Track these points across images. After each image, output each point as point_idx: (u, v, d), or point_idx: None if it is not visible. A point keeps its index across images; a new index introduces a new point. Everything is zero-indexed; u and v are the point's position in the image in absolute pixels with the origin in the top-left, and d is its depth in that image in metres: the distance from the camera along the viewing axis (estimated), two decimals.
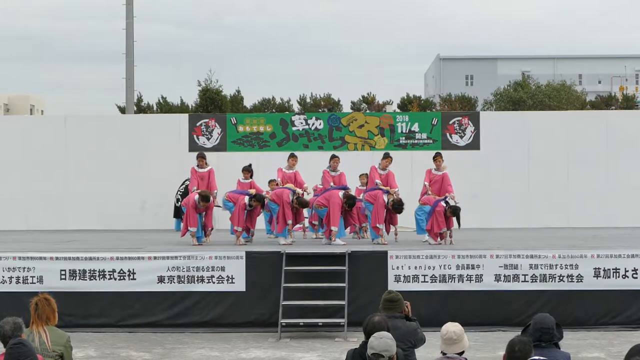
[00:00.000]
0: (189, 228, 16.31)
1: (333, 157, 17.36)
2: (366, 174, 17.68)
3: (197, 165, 16.89)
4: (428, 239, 16.40)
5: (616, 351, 12.68)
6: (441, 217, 16.02)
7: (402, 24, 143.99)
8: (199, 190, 16.41)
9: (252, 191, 16.71)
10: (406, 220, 17.75)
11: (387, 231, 16.41)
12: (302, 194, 16.57)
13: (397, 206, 16.09)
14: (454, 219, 16.15)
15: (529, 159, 21.47)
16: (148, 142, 21.58)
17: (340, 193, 16.40)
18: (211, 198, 16.39)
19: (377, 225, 16.10)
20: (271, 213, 17.24)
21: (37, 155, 21.67)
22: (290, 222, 16.29)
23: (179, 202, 20.60)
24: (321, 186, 17.40)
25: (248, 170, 17.27)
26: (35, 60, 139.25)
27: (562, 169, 21.39)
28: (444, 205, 16.09)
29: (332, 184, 16.89)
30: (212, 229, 16.70)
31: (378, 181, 16.42)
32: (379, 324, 6.80)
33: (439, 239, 16.17)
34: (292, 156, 17.21)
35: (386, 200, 16.11)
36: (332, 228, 16.19)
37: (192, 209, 16.25)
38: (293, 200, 16.31)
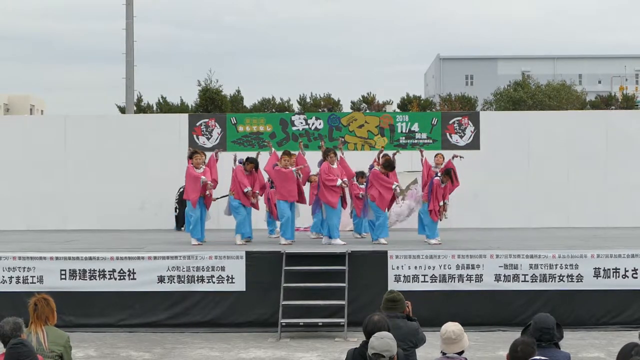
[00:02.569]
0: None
1: (328, 151, 17.30)
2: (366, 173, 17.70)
3: (194, 166, 16.56)
4: (428, 239, 16.42)
5: (616, 351, 12.63)
6: (439, 188, 16.15)
7: (402, 24, 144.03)
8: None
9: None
10: (409, 220, 17.77)
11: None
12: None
13: (387, 164, 16.34)
14: (450, 187, 16.40)
15: (529, 159, 21.47)
16: (148, 142, 21.56)
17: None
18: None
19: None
20: (269, 211, 17.28)
21: (37, 155, 21.66)
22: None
23: (177, 211, 20.59)
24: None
25: (252, 162, 17.08)
26: (35, 60, 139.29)
27: (562, 169, 21.39)
28: (438, 177, 16.29)
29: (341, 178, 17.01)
30: (215, 182, 16.58)
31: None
32: (379, 323, 6.80)
33: (441, 216, 16.28)
34: (287, 154, 16.96)
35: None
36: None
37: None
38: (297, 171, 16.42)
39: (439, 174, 16.58)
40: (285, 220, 16.23)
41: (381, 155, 17.22)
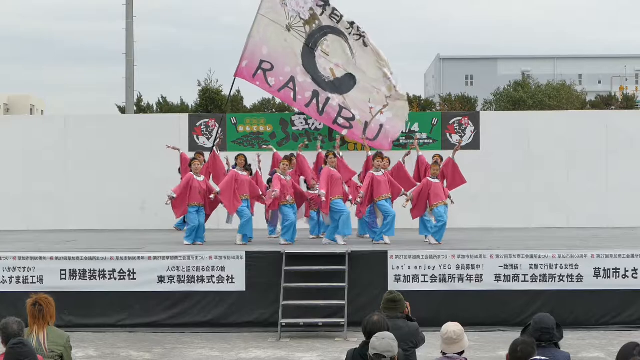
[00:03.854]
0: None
1: (328, 154, 17.31)
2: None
3: (193, 172, 16.65)
4: (429, 238, 16.40)
5: (616, 351, 12.62)
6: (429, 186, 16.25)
7: (402, 24, 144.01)
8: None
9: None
10: (409, 221, 17.74)
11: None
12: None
13: (376, 154, 16.76)
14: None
15: (529, 159, 21.45)
16: (148, 142, 21.55)
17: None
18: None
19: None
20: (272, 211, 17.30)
21: (37, 155, 21.65)
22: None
23: None
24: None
25: (240, 156, 17.18)
26: (35, 60, 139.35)
27: (562, 169, 21.38)
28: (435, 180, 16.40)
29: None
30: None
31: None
32: (379, 323, 6.80)
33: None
34: (288, 159, 17.02)
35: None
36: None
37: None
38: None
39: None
40: (288, 224, 16.26)
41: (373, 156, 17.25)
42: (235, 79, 20.17)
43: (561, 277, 14.55)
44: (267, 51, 19.59)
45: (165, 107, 45.85)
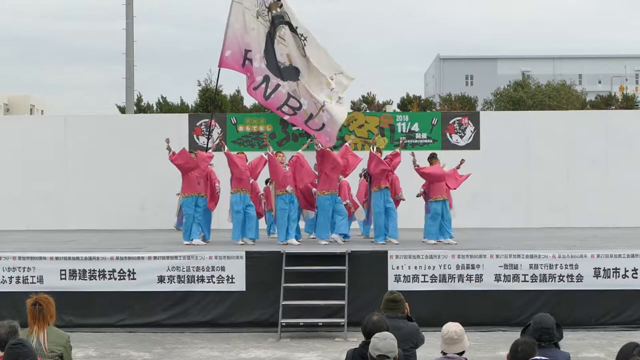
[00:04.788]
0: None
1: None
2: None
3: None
4: (426, 239, 16.39)
5: (616, 351, 12.61)
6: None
7: (402, 24, 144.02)
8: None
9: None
10: (412, 221, 17.76)
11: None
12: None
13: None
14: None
15: (529, 159, 21.46)
16: (148, 142, 21.55)
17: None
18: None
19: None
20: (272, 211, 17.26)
21: (37, 155, 21.66)
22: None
23: None
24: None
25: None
26: (35, 60, 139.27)
27: (562, 169, 21.39)
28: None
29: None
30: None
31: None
32: (379, 322, 6.80)
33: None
34: (280, 152, 17.08)
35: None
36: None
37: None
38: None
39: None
40: (281, 223, 16.27)
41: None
42: (219, 69, 20.18)
43: (561, 277, 14.56)
44: (246, 39, 19.73)
45: (165, 107, 45.85)
